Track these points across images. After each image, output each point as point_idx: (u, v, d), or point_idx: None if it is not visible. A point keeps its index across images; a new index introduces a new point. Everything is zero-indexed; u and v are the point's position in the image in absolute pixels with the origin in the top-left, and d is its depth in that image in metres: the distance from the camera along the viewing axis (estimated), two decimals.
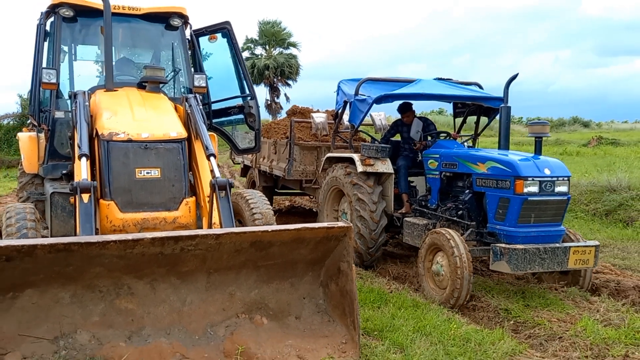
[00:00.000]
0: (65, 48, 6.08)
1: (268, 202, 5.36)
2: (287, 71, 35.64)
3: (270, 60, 35.26)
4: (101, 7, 5.29)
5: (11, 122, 24.27)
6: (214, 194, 4.26)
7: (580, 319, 4.56)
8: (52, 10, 5.70)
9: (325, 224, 3.87)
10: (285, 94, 37.02)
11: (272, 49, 36.78)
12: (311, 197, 10.06)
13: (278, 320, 4.11)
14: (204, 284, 3.95)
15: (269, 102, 35.97)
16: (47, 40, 5.96)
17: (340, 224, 3.86)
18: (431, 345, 3.92)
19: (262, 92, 35.59)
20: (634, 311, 4.84)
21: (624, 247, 7.30)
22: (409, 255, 7.09)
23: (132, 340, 3.71)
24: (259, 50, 37.05)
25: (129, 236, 3.35)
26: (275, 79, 35.95)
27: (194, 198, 4.61)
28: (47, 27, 5.92)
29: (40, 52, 5.89)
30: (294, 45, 36.99)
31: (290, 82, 36.79)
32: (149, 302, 3.80)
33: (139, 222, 4.37)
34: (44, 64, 5.76)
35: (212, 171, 4.49)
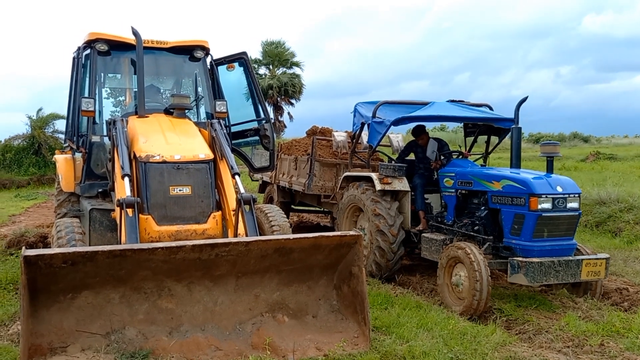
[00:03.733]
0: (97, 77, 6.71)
1: (285, 216, 5.95)
2: (290, 90, 36.41)
3: (273, 80, 36.03)
4: (132, 42, 5.95)
5: (21, 143, 24.78)
6: (240, 208, 4.83)
7: (564, 316, 5.14)
8: (89, 44, 6.34)
9: (339, 233, 4.47)
10: (288, 113, 37.83)
11: (275, 69, 37.59)
12: (326, 213, 10.45)
13: (297, 318, 4.67)
14: (233, 287, 4.51)
15: (272, 121, 36.62)
16: (82, 70, 6.58)
17: (351, 232, 4.45)
18: (432, 338, 4.48)
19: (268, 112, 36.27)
20: (613, 309, 5.41)
21: (612, 255, 7.81)
22: (413, 265, 7.64)
23: (173, 335, 4.27)
24: (262, 70, 37.84)
25: (174, 243, 3.95)
26: (278, 98, 36.72)
27: (220, 212, 5.15)
28: (83, 60, 6.56)
29: (77, 82, 6.53)
30: (297, 64, 37.80)
31: (293, 101, 37.59)
32: (186, 302, 4.37)
33: (173, 234, 4.89)
34: (85, 93, 6.34)
35: (237, 188, 5.06)
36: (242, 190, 4.97)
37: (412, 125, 7.73)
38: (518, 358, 4.17)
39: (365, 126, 7.52)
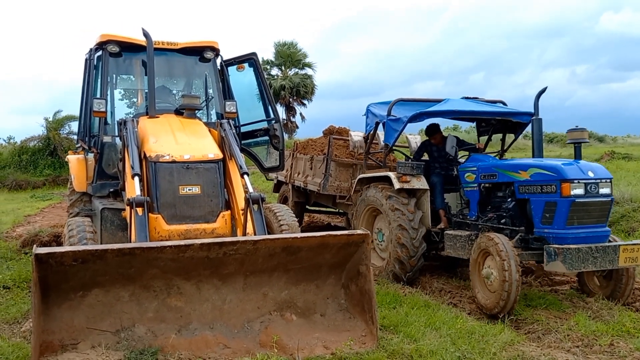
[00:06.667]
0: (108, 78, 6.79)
1: (293, 215, 5.97)
2: (302, 91, 36.48)
3: (286, 80, 36.11)
4: (143, 43, 5.99)
5: (36, 144, 25.13)
6: (248, 207, 4.86)
7: (574, 315, 5.11)
8: (100, 46, 6.42)
9: (346, 232, 4.48)
10: (300, 114, 37.92)
11: (287, 70, 37.66)
12: (341, 214, 10.34)
13: (305, 317, 4.69)
14: (241, 285, 4.54)
15: (284, 122, 36.77)
16: (94, 72, 6.66)
17: (359, 231, 4.46)
18: (440, 337, 4.48)
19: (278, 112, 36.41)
20: (624, 309, 5.36)
21: None
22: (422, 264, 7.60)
23: (182, 333, 4.31)
24: (274, 71, 37.95)
25: (182, 242, 3.99)
26: (290, 99, 36.81)
27: (229, 211, 5.19)
28: (95, 61, 6.63)
29: (89, 83, 6.61)
30: (309, 65, 37.84)
31: (305, 101, 37.66)
32: (195, 300, 4.40)
33: (183, 233, 4.94)
34: (97, 94, 6.42)
35: (246, 187, 5.10)
36: (250, 189, 5.01)
37: (426, 124, 7.64)
38: (526, 357, 4.15)
39: (380, 125, 7.44)
